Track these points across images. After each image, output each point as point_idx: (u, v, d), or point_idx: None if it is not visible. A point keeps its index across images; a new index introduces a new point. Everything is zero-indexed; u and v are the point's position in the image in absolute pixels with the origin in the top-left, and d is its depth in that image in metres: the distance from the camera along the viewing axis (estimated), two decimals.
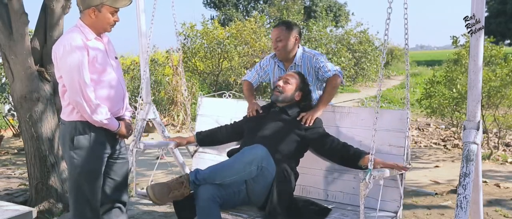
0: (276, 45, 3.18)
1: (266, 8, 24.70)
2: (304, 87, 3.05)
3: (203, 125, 3.55)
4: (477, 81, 2.48)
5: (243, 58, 10.72)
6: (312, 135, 2.87)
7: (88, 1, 2.48)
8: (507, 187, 4.61)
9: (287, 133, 2.87)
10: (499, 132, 6.03)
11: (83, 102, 2.43)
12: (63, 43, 2.44)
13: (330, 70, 3.12)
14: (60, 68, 2.47)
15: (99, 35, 2.58)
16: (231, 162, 2.59)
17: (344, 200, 2.97)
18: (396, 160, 2.69)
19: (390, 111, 2.95)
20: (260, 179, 2.60)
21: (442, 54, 28.26)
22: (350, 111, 3.06)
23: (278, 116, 2.98)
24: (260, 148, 2.57)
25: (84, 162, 2.53)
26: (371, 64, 17.18)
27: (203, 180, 2.53)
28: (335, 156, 2.82)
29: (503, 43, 27.40)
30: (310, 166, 3.09)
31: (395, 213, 2.74)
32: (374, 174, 2.24)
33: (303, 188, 3.12)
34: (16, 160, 6.18)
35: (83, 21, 2.53)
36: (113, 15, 2.55)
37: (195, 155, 3.61)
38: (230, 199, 2.63)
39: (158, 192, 2.50)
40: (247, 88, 3.41)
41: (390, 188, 2.75)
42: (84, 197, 2.59)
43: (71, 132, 2.52)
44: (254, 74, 3.46)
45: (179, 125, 8.67)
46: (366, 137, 2.89)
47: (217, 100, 3.70)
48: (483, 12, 2.43)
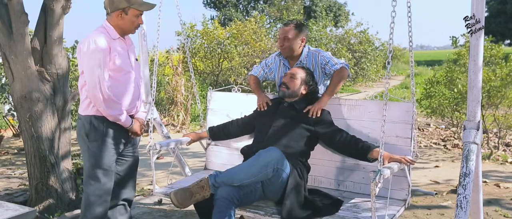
0: (282, 43, 3.20)
1: (266, 8, 24.70)
2: (309, 81, 3.11)
3: (214, 119, 3.66)
4: (477, 81, 2.49)
5: (243, 59, 10.72)
6: (322, 129, 2.97)
7: (116, 3, 2.66)
8: (507, 187, 4.61)
9: (297, 129, 2.97)
10: (499, 132, 6.03)
11: (100, 96, 2.60)
12: (88, 40, 2.62)
13: (337, 63, 3.19)
14: (83, 63, 2.65)
15: (123, 36, 2.76)
16: (248, 165, 2.72)
17: (355, 189, 3.09)
18: (404, 151, 2.84)
19: (397, 103, 3.02)
20: (275, 179, 2.71)
21: (442, 54, 28.28)
22: (357, 103, 3.14)
23: (288, 112, 3.07)
24: (275, 151, 2.70)
25: (99, 155, 2.72)
26: (371, 64, 17.19)
27: (222, 183, 2.66)
28: (344, 149, 2.94)
29: (503, 43, 27.40)
30: (321, 157, 3.20)
31: (404, 200, 2.88)
32: (384, 174, 2.32)
33: (314, 178, 3.23)
34: (16, 160, 6.18)
35: (109, 22, 2.72)
36: (138, 18, 2.74)
37: (209, 148, 3.71)
38: (247, 198, 2.75)
39: (181, 197, 2.63)
40: (254, 82, 3.48)
41: (398, 177, 2.83)
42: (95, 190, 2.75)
43: (86, 126, 2.70)
44: (260, 70, 3.51)
45: (179, 125, 8.66)
46: (374, 128, 3.00)
47: (226, 94, 3.76)
48: (483, 12, 2.43)
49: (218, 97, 3.75)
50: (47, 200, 3.75)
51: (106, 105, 2.62)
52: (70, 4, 3.75)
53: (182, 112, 8.88)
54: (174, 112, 8.92)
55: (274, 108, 3.17)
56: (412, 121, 2.88)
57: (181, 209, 3.00)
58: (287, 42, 3.18)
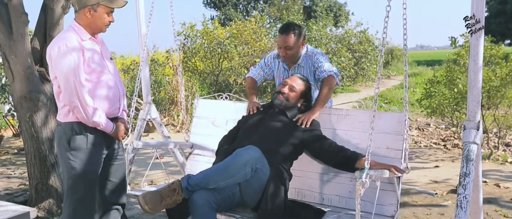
0: (285, 52, 3.14)
1: (266, 8, 24.69)
2: (307, 95, 3.05)
3: (199, 127, 3.54)
4: (477, 81, 2.48)
5: (243, 58, 10.72)
6: (309, 137, 2.83)
7: (84, 0, 2.46)
8: (507, 187, 4.61)
9: (284, 134, 2.83)
10: (499, 132, 6.02)
11: (78, 104, 2.41)
12: (58, 44, 2.41)
13: (325, 71, 3.11)
14: (55, 69, 2.43)
15: (94, 35, 2.57)
16: (225, 165, 2.53)
17: (340, 204, 2.91)
18: (394, 163, 2.66)
19: (388, 113, 2.92)
20: (254, 180, 2.56)
21: (442, 54, 28.24)
22: (348, 113, 3.01)
23: (276, 116, 2.95)
24: (254, 149, 2.54)
25: (81, 164, 2.50)
26: (371, 64, 17.17)
27: (196, 185, 2.48)
28: (331, 159, 2.78)
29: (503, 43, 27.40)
30: (306, 169, 3.05)
31: (392, 217, 2.71)
32: (370, 173, 2.22)
33: (298, 191, 3.06)
34: (16, 160, 6.18)
35: (77, 21, 2.52)
36: (109, 15, 2.54)
37: (190, 157, 3.58)
38: (225, 203, 2.59)
39: (150, 201, 2.43)
40: (250, 86, 3.40)
41: (386, 191, 2.70)
42: (80, 199, 2.54)
43: (68, 133, 2.49)
44: (259, 71, 3.45)
45: (179, 125, 8.67)
46: (363, 139, 2.83)
47: (213, 102, 3.66)
48: (483, 12, 2.42)
49: (204, 105, 3.63)
50: (47, 200, 3.75)
51: (86, 114, 2.42)
52: (70, 4, 3.75)
53: (182, 112, 8.88)
54: (174, 112, 8.92)
55: (263, 112, 3.06)
56: (404, 132, 2.73)
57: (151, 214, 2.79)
58: (289, 50, 3.12)
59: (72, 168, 2.50)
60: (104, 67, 2.57)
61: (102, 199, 2.69)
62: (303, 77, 3.09)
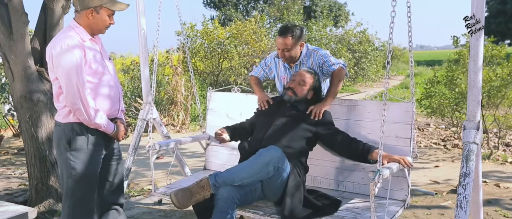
0: (283, 54, 3.18)
1: (266, 8, 24.70)
2: (316, 87, 3.13)
3: (214, 119, 3.66)
4: (477, 81, 2.48)
5: (243, 59, 10.72)
6: (323, 130, 2.97)
7: (87, 1, 2.45)
8: (507, 187, 4.61)
9: (298, 128, 2.96)
10: (499, 132, 6.03)
11: (81, 106, 2.39)
12: (59, 43, 2.38)
13: (334, 64, 3.20)
14: (56, 69, 2.40)
15: (93, 36, 2.56)
16: (249, 164, 2.70)
17: (354, 190, 3.09)
18: (403, 151, 2.86)
19: (396, 103, 3.02)
20: (276, 178, 2.71)
21: (442, 54, 28.28)
22: (357, 103, 3.15)
23: (289, 111, 3.07)
24: (276, 149, 2.70)
25: (82, 164, 2.50)
26: (371, 64, 17.19)
27: (223, 182, 2.65)
28: (345, 151, 2.94)
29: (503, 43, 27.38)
30: (321, 158, 3.21)
31: (404, 201, 2.88)
32: (383, 173, 2.33)
33: (314, 178, 3.24)
34: (16, 160, 6.18)
35: (78, 21, 2.50)
36: (110, 18, 2.54)
37: (208, 148, 3.70)
38: (247, 198, 2.75)
39: (181, 198, 2.60)
40: (255, 82, 3.49)
41: (398, 178, 2.83)
42: (80, 200, 2.54)
43: (68, 133, 2.48)
44: (260, 70, 3.53)
45: (179, 125, 8.66)
46: (373, 129, 3.00)
47: (226, 94, 3.76)
48: (483, 12, 2.42)
49: (218, 98, 3.75)
50: (47, 200, 3.75)
51: (88, 115, 2.41)
52: (70, 4, 3.75)
53: (182, 112, 8.88)
54: (174, 112, 8.92)
55: (275, 107, 3.17)
56: (411, 121, 2.89)
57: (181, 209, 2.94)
58: (287, 52, 3.17)
59: (72, 168, 2.50)
60: (105, 68, 2.58)
61: (101, 199, 2.69)
62: (310, 70, 3.15)
